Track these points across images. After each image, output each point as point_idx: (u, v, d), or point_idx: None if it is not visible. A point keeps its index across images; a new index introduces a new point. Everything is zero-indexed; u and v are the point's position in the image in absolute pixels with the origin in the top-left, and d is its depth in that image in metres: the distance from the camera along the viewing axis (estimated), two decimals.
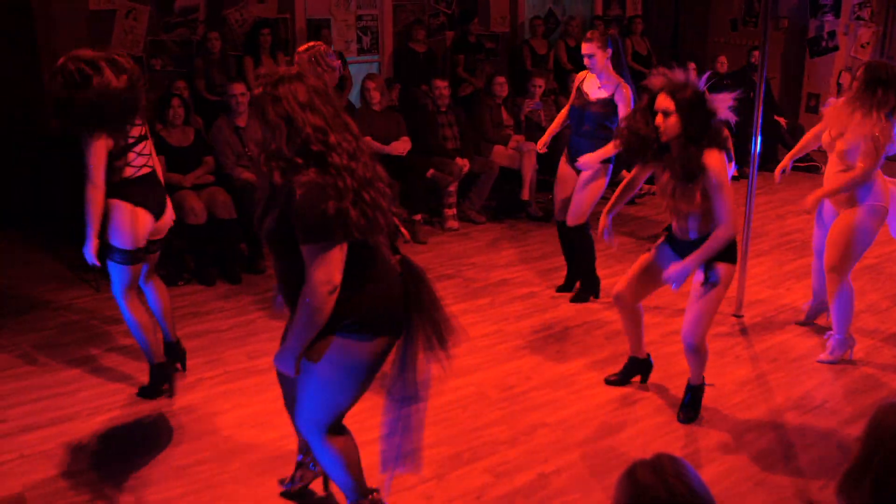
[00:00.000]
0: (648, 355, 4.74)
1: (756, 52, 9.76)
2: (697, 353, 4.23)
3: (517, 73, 9.66)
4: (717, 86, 11.18)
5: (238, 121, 6.81)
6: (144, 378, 4.70)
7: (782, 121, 10.08)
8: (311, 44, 4.79)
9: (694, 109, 3.92)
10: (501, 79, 8.30)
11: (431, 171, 7.62)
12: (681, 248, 4.21)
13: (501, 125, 8.30)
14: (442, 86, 7.88)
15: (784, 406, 4.54)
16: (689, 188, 3.97)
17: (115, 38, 7.79)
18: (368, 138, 7.35)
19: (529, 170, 8.00)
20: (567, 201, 5.92)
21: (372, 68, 9.43)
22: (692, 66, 9.39)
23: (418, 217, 7.53)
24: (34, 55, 7.42)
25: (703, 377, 4.40)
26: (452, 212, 7.86)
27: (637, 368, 4.76)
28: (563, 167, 5.96)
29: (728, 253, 4.09)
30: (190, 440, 4.18)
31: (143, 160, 4.35)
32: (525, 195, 8.07)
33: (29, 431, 4.24)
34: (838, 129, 4.82)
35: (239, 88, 6.78)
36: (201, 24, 8.22)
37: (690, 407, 4.39)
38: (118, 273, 4.37)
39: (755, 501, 3.68)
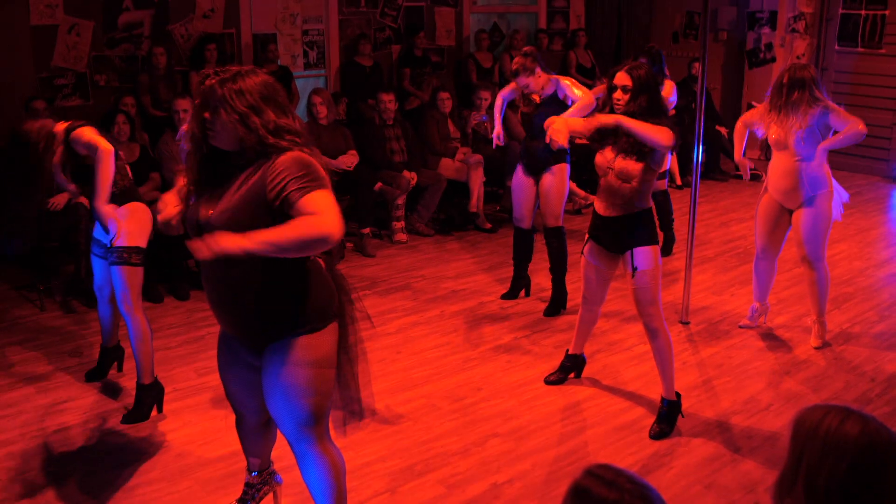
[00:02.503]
0: (583, 353, 4.93)
1: (697, 64, 9.92)
2: (657, 335, 4.30)
3: (463, 86, 9.72)
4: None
5: None
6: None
7: (724, 130, 10.26)
8: None
9: (646, 88, 4.18)
10: (445, 94, 8.37)
11: (379, 184, 7.63)
12: (603, 227, 4.35)
13: (448, 138, 8.35)
14: (387, 99, 7.90)
15: (730, 410, 4.63)
16: (631, 163, 4.17)
17: (58, 54, 7.68)
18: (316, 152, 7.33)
19: (477, 182, 8.05)
20: (529, 209, 6.03)
21: (318, 83, 9.42)
22: (643, 60, 9.48)
23: (367, 230, 7.53)
24: None
25: (677, 392, 4.43)
26: (401, 225, 7.87)
27: (573, 365, 4.93)
28: (521, 177, 6.02)
29: (647, 236, 4.28)
30: (138, 460, 4.13)
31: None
32: (473, 207, 8.12)
33: None
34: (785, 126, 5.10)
35: (185, 104, 6.73)
36: (146, 40, 8.13)
37: (665, 421, 4.38)
38: (135, 276, 4.39)
39: None
